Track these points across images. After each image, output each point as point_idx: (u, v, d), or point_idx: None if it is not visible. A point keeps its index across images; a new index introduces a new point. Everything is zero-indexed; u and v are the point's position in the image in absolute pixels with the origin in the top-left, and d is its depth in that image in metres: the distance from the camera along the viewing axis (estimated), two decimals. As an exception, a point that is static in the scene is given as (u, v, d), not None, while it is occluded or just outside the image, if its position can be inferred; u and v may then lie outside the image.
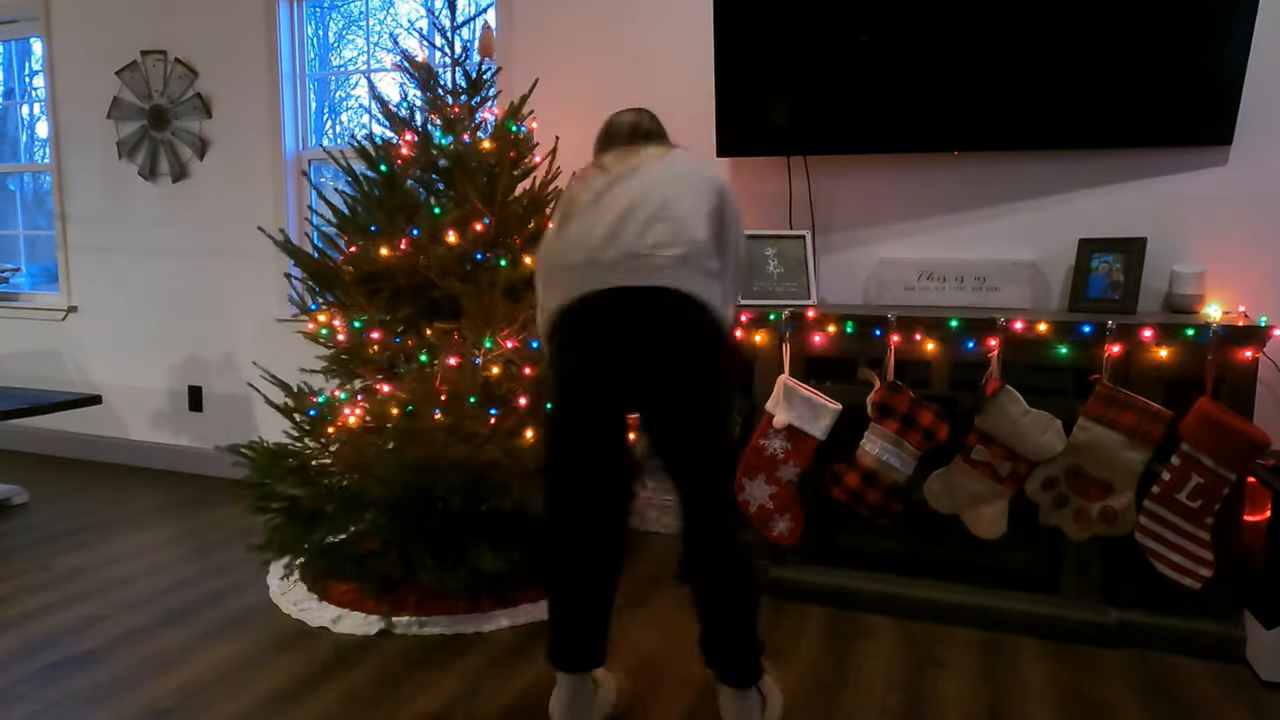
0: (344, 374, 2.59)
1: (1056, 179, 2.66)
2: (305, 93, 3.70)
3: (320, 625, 2.33)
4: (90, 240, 4.08)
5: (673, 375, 1.64)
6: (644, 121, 1.93)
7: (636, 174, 1.72)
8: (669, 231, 1.63)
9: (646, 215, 1.64)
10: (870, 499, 2.39)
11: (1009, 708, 1.95)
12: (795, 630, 2.34)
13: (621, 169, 1.74)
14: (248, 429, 3.83)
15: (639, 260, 1.61)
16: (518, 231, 2.59)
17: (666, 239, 1.62)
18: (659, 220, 1.64)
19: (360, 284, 2.50)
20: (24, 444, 4.36)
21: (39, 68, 4.40)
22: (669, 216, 1.64)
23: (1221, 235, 2.52)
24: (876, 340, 2.41)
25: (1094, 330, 2.24)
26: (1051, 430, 2.24)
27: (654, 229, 1.63)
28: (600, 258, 1.63)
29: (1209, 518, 2.16)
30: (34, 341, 4.28)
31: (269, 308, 3.74)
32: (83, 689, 2.00)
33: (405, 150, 2.60)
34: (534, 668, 2.12)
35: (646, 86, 3.06)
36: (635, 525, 3.17)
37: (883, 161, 2.82)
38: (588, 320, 1.64)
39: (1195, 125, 2.42)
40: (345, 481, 2.45)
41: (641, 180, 1.70)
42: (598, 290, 1.62)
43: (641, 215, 1.64)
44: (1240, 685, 2.06)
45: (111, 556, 2.87)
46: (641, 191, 1.68)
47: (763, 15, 2.71)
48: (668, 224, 1.64)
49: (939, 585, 2.43)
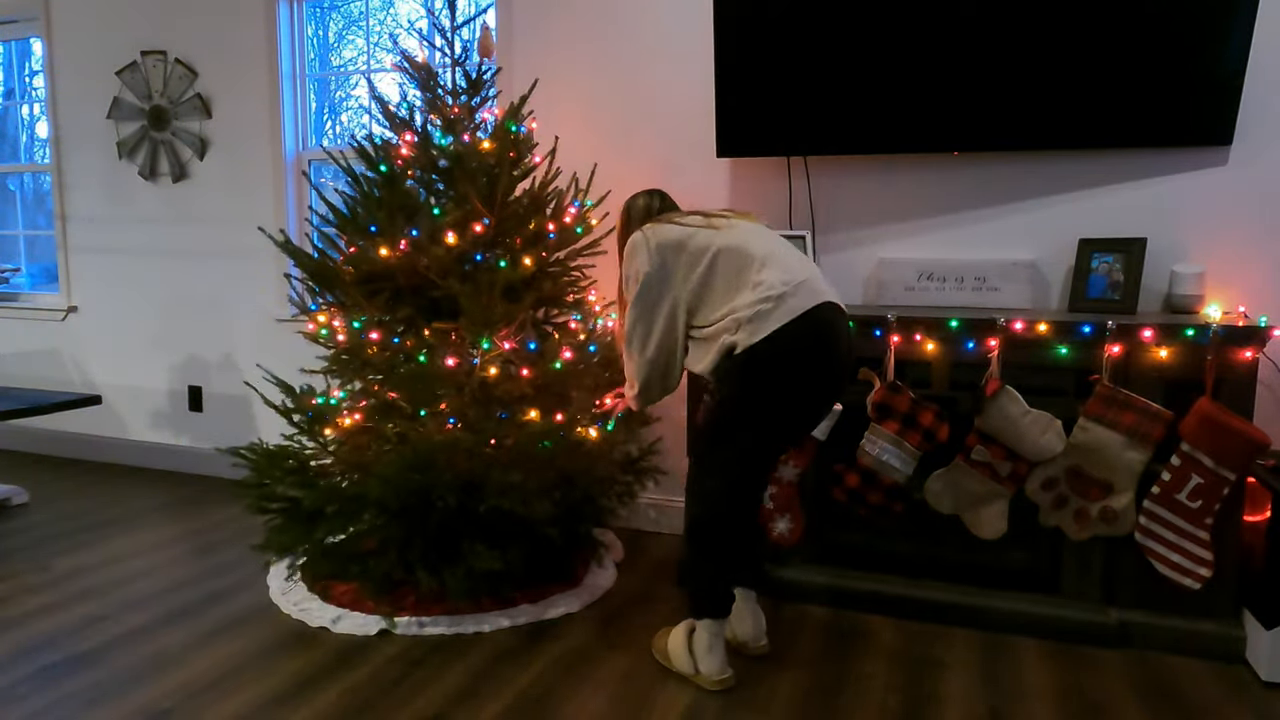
0: (344, 374, 2.59)
1: (1056, 179, 2.66)
2: (305, 93, 3.70)
3: (320, 625, 2.34)
4: (90, 240, 4.08)
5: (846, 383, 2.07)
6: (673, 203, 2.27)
7: (760, 224, 2.11)
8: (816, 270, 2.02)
9: (799, 255, 2.02)
10: (870, 499, 2.39)
11: (1009, 708, 1.95)
12: (795, 630, 2.34)
13: (746, 221, 2.07)
14: (247, 429, 3.83)
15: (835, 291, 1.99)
16: (517, 232, 2.59)
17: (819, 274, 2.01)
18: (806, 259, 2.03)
19: (360, 284, 2.50)
20: (24, 444, 4.36)
21: (39, 68, 4.40)
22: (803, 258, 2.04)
23: (1221, 235, 2.52)
24: (876, 340, 2.41)
25: (1094, 330, 2.24)
26: (1051, 430, 2.24)
27: (810, 265, 2.01)
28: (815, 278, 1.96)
29: (1209, 518, 2.16)
30: (34, 341, 4.28)
31: (269, 308, 3.74)
32: (83, 689, 2.00)
33: (405, 150, 2.60)
34: (534, 668, 2.12)
35: (646, 86, 3.06)
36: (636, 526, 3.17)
37: (883, 161, 2.82)
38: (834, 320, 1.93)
39: (1195, 125, 2.42)
40: (345, 482, 2.45)
41: (771, 232, 2.09)
42: (833, 302, 1.94)
43: (796, 254, 2.02)
44: (1240, 685, 2.06)
45: (111, 556, 2.87)
46: (785, 242, 2.07)
47: (763, 15, 2.71)
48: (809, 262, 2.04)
49: (939, 585, 2.43)
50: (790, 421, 2.01)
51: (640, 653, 2.20)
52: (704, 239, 1.98)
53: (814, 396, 1.98)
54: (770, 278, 1.90)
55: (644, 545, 2.99)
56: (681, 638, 2.09)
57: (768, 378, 1.89)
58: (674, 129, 3.05)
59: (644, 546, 2.98)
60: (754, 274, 1.92)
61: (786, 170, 2.91)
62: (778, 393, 1.91)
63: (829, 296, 1.94)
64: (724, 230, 2.00)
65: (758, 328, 1.86)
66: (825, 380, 1.96)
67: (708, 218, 2.05)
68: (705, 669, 2.02)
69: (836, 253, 2.90)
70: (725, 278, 1.95)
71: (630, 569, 2.78)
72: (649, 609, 2.47)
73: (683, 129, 3.03)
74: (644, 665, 2.14)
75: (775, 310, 1.86)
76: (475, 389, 2.34)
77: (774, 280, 1.89)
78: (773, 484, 2.43)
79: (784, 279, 1.90)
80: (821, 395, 1.98)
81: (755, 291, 1.89)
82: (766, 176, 2.95)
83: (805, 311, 1.87)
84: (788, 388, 1.92)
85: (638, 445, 2.82)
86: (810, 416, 2.05)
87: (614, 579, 2.68)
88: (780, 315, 1.86)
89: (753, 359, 1.87)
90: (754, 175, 2.96)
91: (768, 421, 1.95)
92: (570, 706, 1.94)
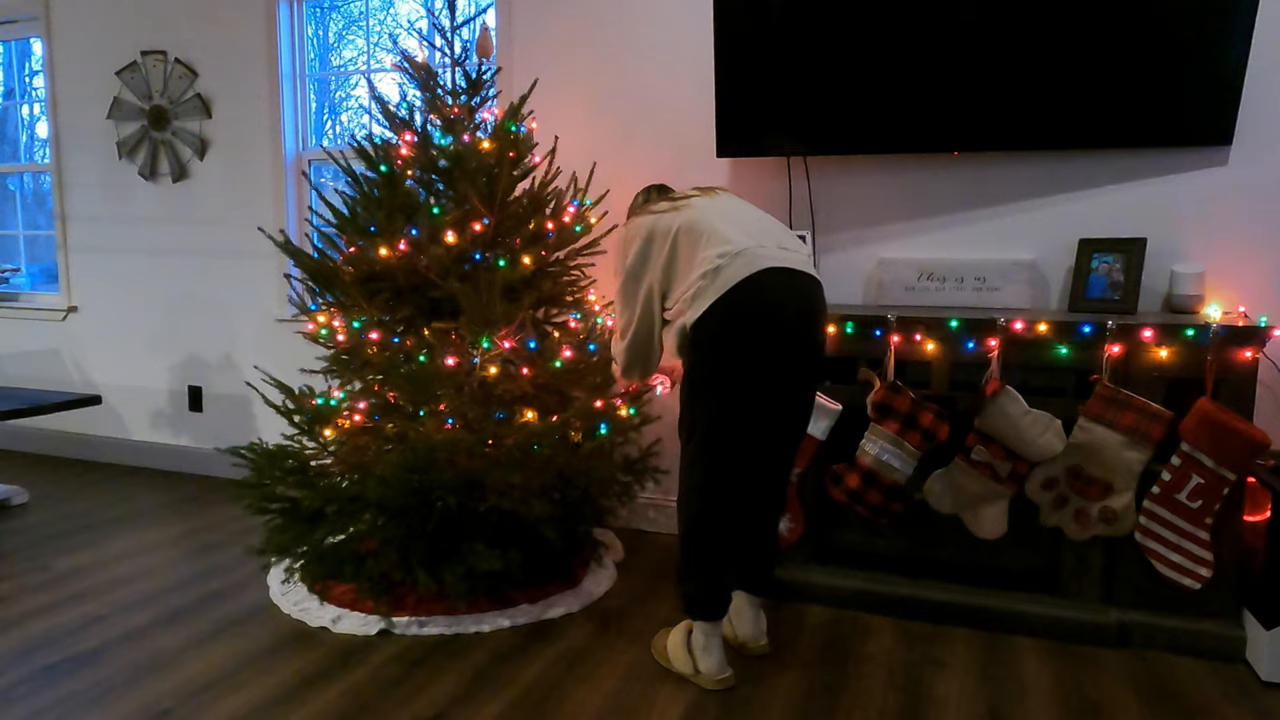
0: (344, 374, 2.59)
1: (1056, 179, 2.65)
2: (305, 93, 3.70)
3: (320, 625, 2.34)
4: (90, 240, 4.08)
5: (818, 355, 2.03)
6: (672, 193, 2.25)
7: (724, 197, 2.09)
8: (796, 241, 2.02)
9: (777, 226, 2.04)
10: (870, 499, 2.39)
11: (1009, 708, 1.95)
12: (795, 630, 2.34)
13: (704, 198, 2.06)
14: (247, 429, 3.83)
15: (797, 256, 1.95)
16: (517, 231, 2.59)
17: (800, 246, 2.01)
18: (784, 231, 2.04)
19: (360, 284, 2.50)
20: (24, 444, 4.36)
21: (39, 68, 4.40)
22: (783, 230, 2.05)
23: (1221, 235, 2.51)
24: (876, 340, 2.41)
25: (1094, 330, 2.24)
26: (1051, 430, 2.24)
27: (790, 237, 2.01)
28: (765, 244, 1.92)
29: (1209, 518, 2.16)
30: (34, 341, 4.28)
31: (269, 308, 3.74)
32: (83, 689, 2.00)
33: (405, 150, 2.60)
34: (534, 668, 2.12)
35: (646, 87, 3.06)
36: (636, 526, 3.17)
37: (883, 162, 2.82)
38: (776, 285, 1.88)
39: (1195, 125, 2.42)
40: (345, 483, 2.45)
41: (736, 201, 2.09)
42: (779, 267, 1.89)
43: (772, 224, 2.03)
44: (1240, 685, 2.06)
45: (111, 556, 2.87)
46: (747, 208, 2.06)
47: (763, 15, 2.71)
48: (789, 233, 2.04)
49: (939, 585, 2.43)
50: (749, 392, 1.92)
51: (640, 653, 2.20)
52: (667, 221, 2.02)
53: (766, 362, 1.91)
54: (709, 252, 1.90)
55: (644, 545, 2.99)
56: (680, 638, 2.09)
57: (712, 351, 1.89)
58: (674, 129, 3.05)
59: (644, 546, 2.98)
60: (701, 250, 1.93)
61: (786, 170, 2.91)
62: (725, 364, 1.90)
63: (774, 262, 1.88)
64: (683, 210, 2.02)
65: (699, 304, 1.88)
66: (775, 345, 1.91)
67: (673, 200, 2.08)
68: (704, 668, 2.02)
69: (836, 253, 2.90)
70: (685, 258, 1.96)
71: (630, 569, 2.78)
72: (649, 609, 2.47)
73: (683, 129, 3.03)
74: (644, 665, 2.14)
75: (711, 285, 1.87)
76: (475, 389, 2.35)
77: (711, 255, 1.90)
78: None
79: (719, 251, 1.89)
80: (776, 361, 1.92)
81: (699, 268, 1.90)
82: (766, 176, 2.94)
83: (739, 281, 1.85)
84: (733, 358, 1.89)
85: (637, 446, 2.82)
86: (772, 385, 1.95)
87: (614, 579, 2.68)
88: (716, 289, 1.86)
89: (697, 334, 1.89)
90: (754, 175, 2.96)
91: (725, 394, 1.92)
92: (570, 706, 1.94)
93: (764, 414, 1.98)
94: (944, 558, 2.47)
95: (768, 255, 1.89)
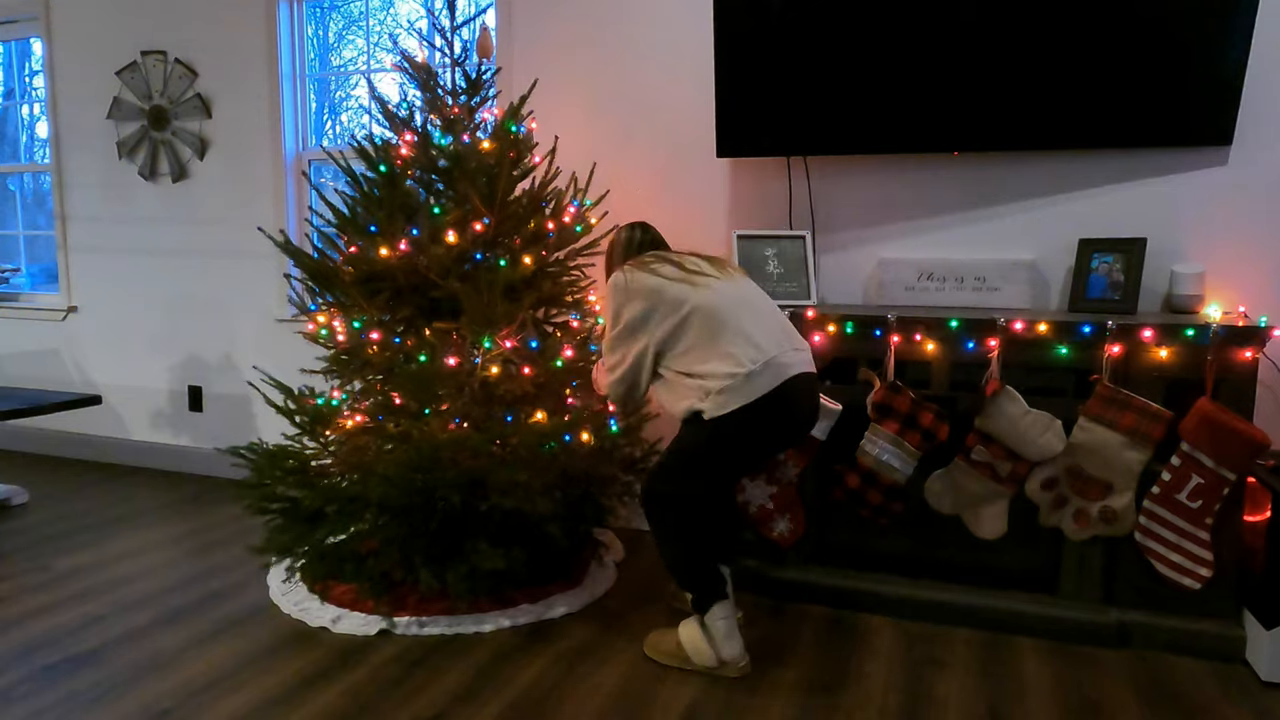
0: (344, 374, 2.59)
1: (1056, 179, 2.66)
2: (305, 93, 3.70)
3: (320, 625, 2.34)
4: (90, 240, 4.08)
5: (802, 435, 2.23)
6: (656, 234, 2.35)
7: (740, 281, 2.15)
8: (800, 338, 2.17)
9: (784, 319, 2.17)
10: (870, 499, 2.39)
11: (1009, 708, 1.95)
12: (795, 630, 2.34)
13: (723, 281, 2.11)
14: (248, 429, 3.83)
15: (804, 356, 2.11)
16: (517, 231, 2.59)
17: (804, 345, 2.16)
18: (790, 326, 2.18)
19: (360, 284, 2.50)
20: (24, 444, 4.36)
21: (39, 68, 4.40)
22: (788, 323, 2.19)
23: (1221, 235, 2.52)
24: (876, 340, 2.41)
25: (1094, 330, 2.24)
26: (1051, 430, 2.24)
27: (795, 333, 2.16)
28: (785, 346, 2.06)
29: (1209, 518, 2.16)
30: (34, 341, 4.28)
31: (269, 308, 3.74)
32: (83, 689, 2.00)
33: (405, 150, 2.60)
34: (534, 667, 2.12)
35: (646, 87, 3.06)
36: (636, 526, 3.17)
37: (883, 162, 2.82)
38: (798, 393, 2.05)
39: (1195, 125, 2.42)
40: (345, 483, 2.45)
41: (751, 287, 2.17)
42: (799, 374, 2.05)
43: (782, 318, 2.16)
44: (1240, 685, 2.06)
45: (111, 556, 2.87)
46: (761, 297, 2.16)
47: (763, 15, 2.71)
48: (793, 328, 2.18)
49: (939, 585, 2.43)
50: (745, 469, 2.35)
51: (641, 652, 2.20)
52: (678, 293, 2.06)
53: (770, 452, 2.29)
54: (740, 353, 2.00)
55: (644, 545, 2.99)
56: (695, 633, 2.08)
57: (729, 444, 2.05)
58: (674, 129, 3.05)
59: (644, 546, 2.98)
60: (726, 344, 2.01)
61: (786, 170, 2.91)
62: (737, 454, 2.11)
63: (797, 369, 2.04)
64: (700, 288, 2.06)
65: (725, 402, 1.98)
66: (782, 441, 2.17)
67: (685, 271, 2.11)
68: (728, 655, 2.06)
69: (836, 253, 2.90)
70: (699, 338, 2.04)
71: (630, 569, 2.78)
72: (649, 609, 2.47)
73: (683, 129, 3.03)
74: (644, 665, 2.14)
75: (743, 388, 1.98)
76: (476, 388, 2.35)
77: (743, 357, 1.99)
78: (773, 484, 2.43)
79: (753, 356, 2.00)
80: (777, 450, 2.30)
81: (725, 364, 1.99)
82: (766, 176, 2.95)
83: (769, 391, 1.99)
84: (746, 450, 2.11)
85: (640, 446, 2.82)
86: (764, 461, 2.37)
87: (614, 579, 2.68)
88: (746, 393, 1.97)
89: (717, 428, 2.01)
90: (754, 175, 2.96)
91: (724, 471, 2.17)
92: (570, 706, 1.94)
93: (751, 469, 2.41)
94: (944, 558, 2.47)
95: (790, 364, 2.04)
